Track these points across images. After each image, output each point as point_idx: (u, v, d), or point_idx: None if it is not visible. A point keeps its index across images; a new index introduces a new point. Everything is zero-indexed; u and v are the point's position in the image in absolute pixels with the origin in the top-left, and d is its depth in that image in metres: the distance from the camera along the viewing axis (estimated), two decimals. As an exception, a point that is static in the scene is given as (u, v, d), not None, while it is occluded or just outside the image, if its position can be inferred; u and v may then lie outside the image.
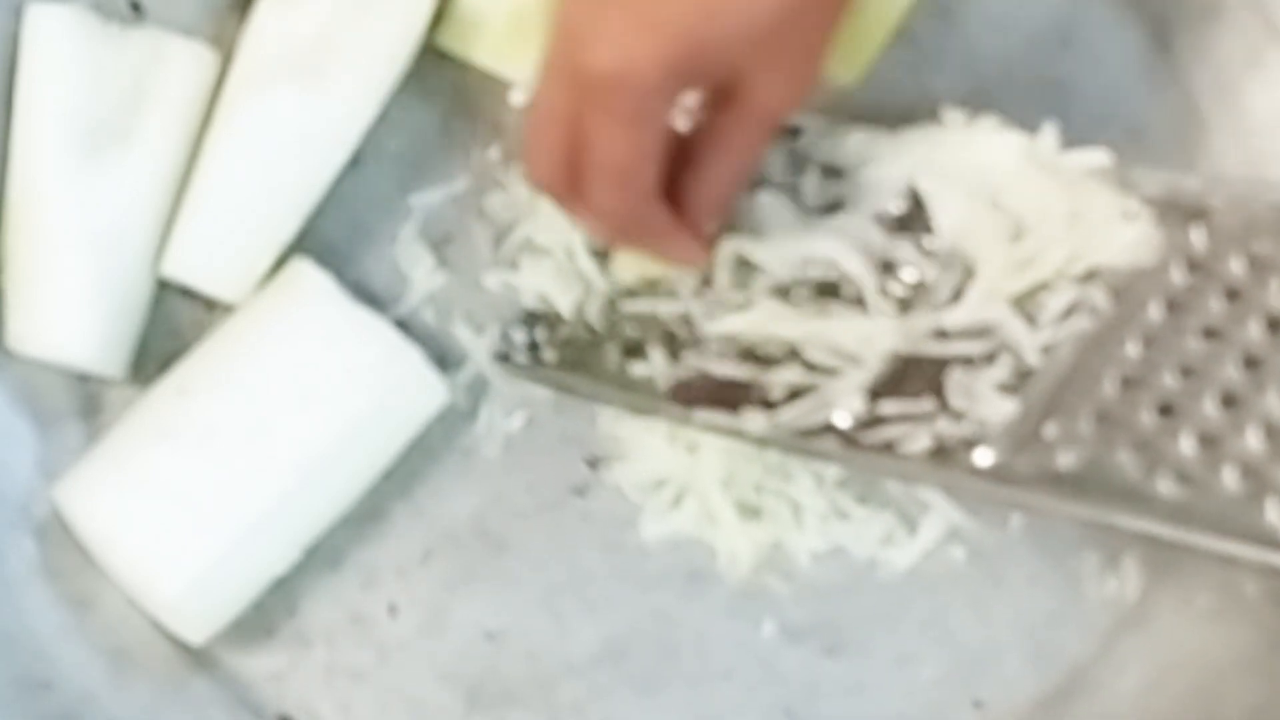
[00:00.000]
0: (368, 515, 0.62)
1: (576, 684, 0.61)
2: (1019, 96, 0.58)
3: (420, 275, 0.63)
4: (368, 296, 0.62)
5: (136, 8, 0.63)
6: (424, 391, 0.61)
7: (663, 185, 0.55)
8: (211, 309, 0.62)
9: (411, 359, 0.60)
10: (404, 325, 0.62)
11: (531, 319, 0.62)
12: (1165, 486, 0.51)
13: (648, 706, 0.60)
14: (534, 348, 0.62)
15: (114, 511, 0.58)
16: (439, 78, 0.65)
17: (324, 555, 0.61)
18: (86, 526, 0.59)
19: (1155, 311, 0.54)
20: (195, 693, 0.61)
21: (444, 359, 0.62)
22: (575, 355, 0.61)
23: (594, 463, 0.62)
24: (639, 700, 0.61)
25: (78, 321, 0.60)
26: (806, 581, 0.61)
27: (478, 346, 0.63)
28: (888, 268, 0.57)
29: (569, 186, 0.55)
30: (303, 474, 0.59)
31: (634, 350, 0.60)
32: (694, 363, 0.59)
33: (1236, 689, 0.58)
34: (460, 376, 0.62)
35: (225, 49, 0.63)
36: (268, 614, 0.61)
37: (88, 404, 0.63)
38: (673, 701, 0.60)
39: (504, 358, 0.62)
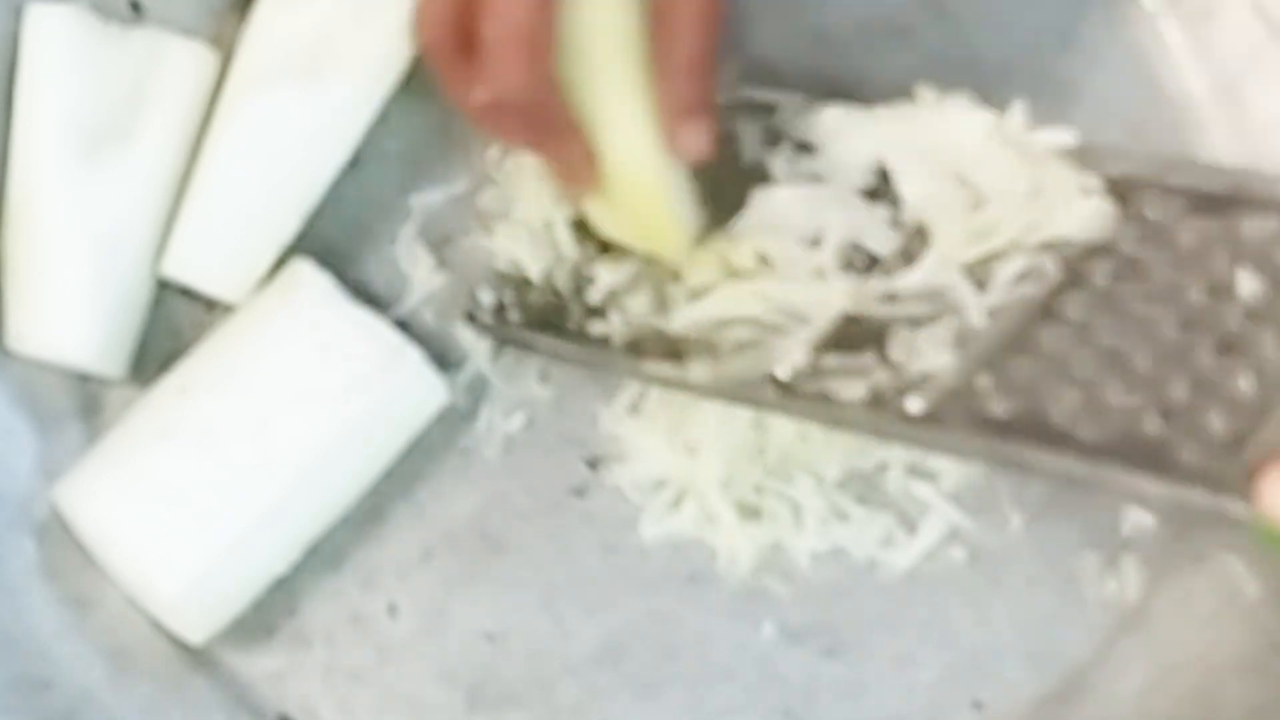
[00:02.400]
0: (368, 515, 0.62)
1: (576, 684, 0.61)
2: (1019, 96, 0.58)
3: (420, 275, 0.63)
4: (368, 296, 0.62)
5: (136, 8, 0.63)
6: (424, 391, 0.61)
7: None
8: (211, 309, 0.62)
9: (411, 359, 0.60)
10: (404, 325, 0.62)
11: (500, 280, 0.62)
12: (1089, 431, 0.54)
13: (647, 707, 0.61)
14: (501, 309, 0.62)
15: (114, 511, 0.58)
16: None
17: (324, 555, 0.61)
18: (86, 526, 0.59)
19: (1103, 278, 0.56)
20: (195, 693, 0.61)
21: (444, 359, 0.62)
22: (539, 316, 0.61)
23: (594, 463, 0.62)
24: (638, 701, 0.61)
25: (78, 321, 0.60)
26: (806, 582, 0.61)
27: (478, 347, 0.63)
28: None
29: (459, 54, 0.54)
30: (303, 474, 0.59)
31: (595, 311, 0.60)
32: (651, 321, 0.60)
33: (1236, 690, 0.58)
34: (460, 376, 0.62)
35: (225, 49, 0.63)
36: (268, 614, 0.61)
37: (88, 404, 0.63)
38: (672, 702, 0.61)
39: (470, 317, 0.62)
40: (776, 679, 0.61)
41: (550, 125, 0.56)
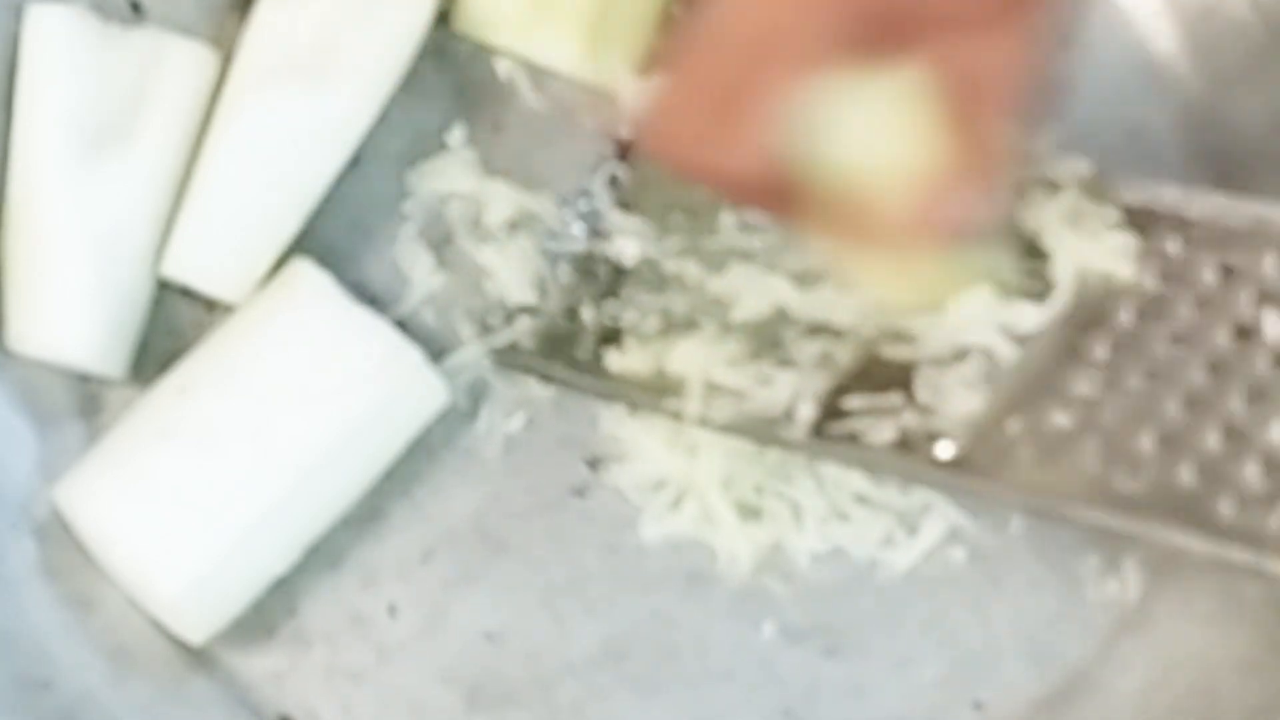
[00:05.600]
0: (368, 515, 0.61)
1: (576, 684, 0.61)
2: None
3: (420, 275, 0.63)
4: (368, 296, 0.62)
5: (137, 8, 0.63)
6: (424, 392, 0.61)
7: None
8: (211, 309, 0.62)
9: (411, 359, 0.60)
10: (404, 325, 0.62)
11: (514, 308, 0.62)
12: (1122, 481, 0.53)
13: (647, 707, 0.60)
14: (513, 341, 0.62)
15: (114, 511, 0.58)
16: (439, 78, 0.65)
17: (324, 555, 0.61)
18: (86, 526, 0.59)
19: (1126, 317, 0.55)
20: (195, 693, 0.61)
21: (444, 359, 0.62)
22: (552, 343, 0.61)
23: (594, 464, 0.62)
24: (638, 701, 0.61)
25: (78, 321, 0.60)
26: (806, 583, 0.61)
27: (478, 347, 0.63)
28: None
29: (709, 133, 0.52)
30: (303, 474, 0.59)
31: (611, 338, 0.61)
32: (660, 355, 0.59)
33: (1236, 691, 0.58)
34: (460, 377, 0.62)
35: (225, 49, 0.63)
36: (268, 614, 0.61)
37: (88, 404, 0.62)
38: (672, 702, 0.60)
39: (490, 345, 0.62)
40: (776, 679, 0.61)
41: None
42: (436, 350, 0.62)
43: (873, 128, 0.51)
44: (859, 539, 0.61)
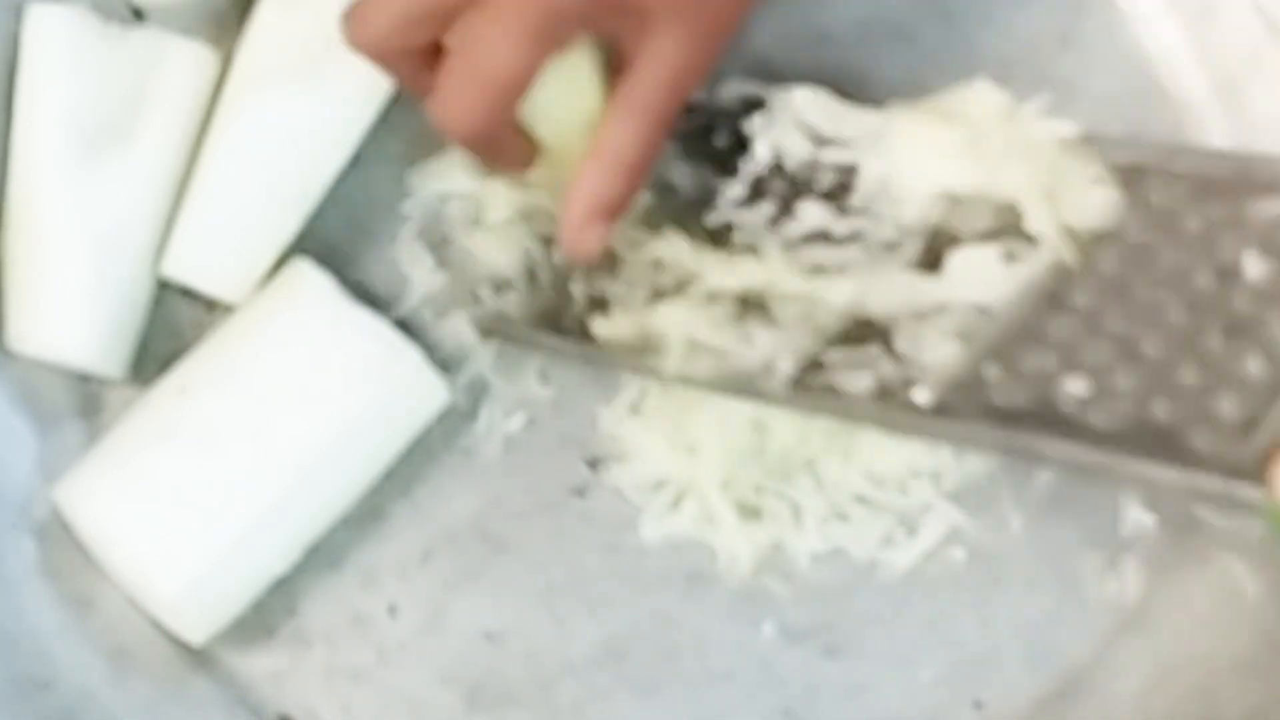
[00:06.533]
0: (368, 515, 0.62)
1: (576, 684, 0.61)
2: (1019, 96, 0.58)
3: (420, 275, 0.63)
4: (368, 296, 0.62)
5: (138, 14, 0.63)
6: (424, 391, 0.61)
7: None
8: (211, 309, 0.62)
9: (411, 359, 0.60)
10: (404, 325, 0.62)
11: (504, 282, 0.62)
12: (1099, 419, 0.53)
13: (647, 707, 0.61)
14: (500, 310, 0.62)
15: (114, 511, 0.58)
16: (439, 78, 0.65)
17: (324, 555, 0.61)
18: (86, 526, 0.59)
19: (1110, 265, 0.56)
20: (195, 693, 0.61)
21: (444, 359, 0.62)
22: (538, 314, 0.61)
23: (594, 463, 0.62)
24: (638, 701, 0.61)
25: (78, 321, 0.60)
26: (806, 583, 0.61)
27: (478, 347, 0.63)
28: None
29: (418, 65, 0.54)
30: (303, 474, 0.59)
31: (598, 305, 0.60)
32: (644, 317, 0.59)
33: (1236, 691, 0.58)
34: (460, 376, 0.62)
35: (225, 49, 0.63)
36: (268, 614, 0.61)
37: (88, 404, 0.63)
38: (672, 702, 0.61)
39: (475, 320, 0.63)
40: (776, 679, 0.61)
41: (500, 146, 0.56)
42: (436, 350, 0.62)
43: (556, 98, 0.56)
44: (859, 539, 0.61)
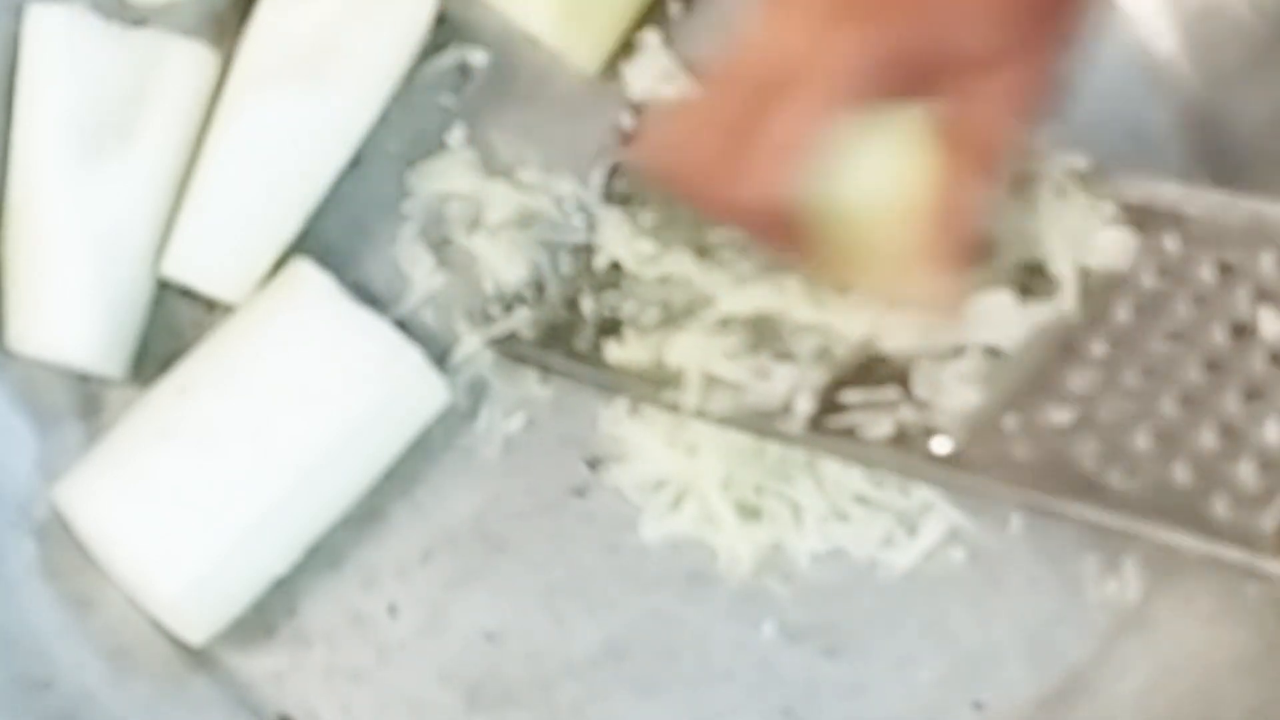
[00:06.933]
0: (368, 515, 0.62)
1: (576, 684, 0.61)
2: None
3: (420, 275, 0.63)
4: (368, 296, 0.62)
5: (138, 14, 0.63)
6: (424, 391, 0.61)
7: None
8: (211, 309, 0.62)
9: (411, 359, 0.60)
10: (404, 325, 0.62)
11: (514, 298, 0.62)
12: (1118, 479, 0.53)
13: (647, 707, 0.60)
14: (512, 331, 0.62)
15: (114, 511, 0.58)
16: (439, 78, 0.65)
17: (324, 555, 0.61)
18: (86, 526, 0.59)
19: (1124, 314, 0.55)
20: (195, 693, 0.61)
21: (444, 359, 0.62)
22: (550, 331, 0.61)
23: (594, 463, 0.62)
24: (639, 701, 0.61)
25: (78, 321, 0.60)
26: (806, 583, 0.61)
27: (477, 338, 0.63)
28: None
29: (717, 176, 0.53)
30: (303, 474, 0.59)
31: (610, 329, 0.60)
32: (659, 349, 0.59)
33: (1235, 691, 0.58)
34: (460, 377, 0.62)
35: (225, 49, 0.63)
36: (268, 614, 0.61)
37: (88, 404, 0.63)
38: (672, 702, 0.60)
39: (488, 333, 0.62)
40: (776, 679, 0.61)
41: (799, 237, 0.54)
42: (436, 350, 0.62)
43: (878, 170, 0.52)
44: (859, 539, 0.61)
